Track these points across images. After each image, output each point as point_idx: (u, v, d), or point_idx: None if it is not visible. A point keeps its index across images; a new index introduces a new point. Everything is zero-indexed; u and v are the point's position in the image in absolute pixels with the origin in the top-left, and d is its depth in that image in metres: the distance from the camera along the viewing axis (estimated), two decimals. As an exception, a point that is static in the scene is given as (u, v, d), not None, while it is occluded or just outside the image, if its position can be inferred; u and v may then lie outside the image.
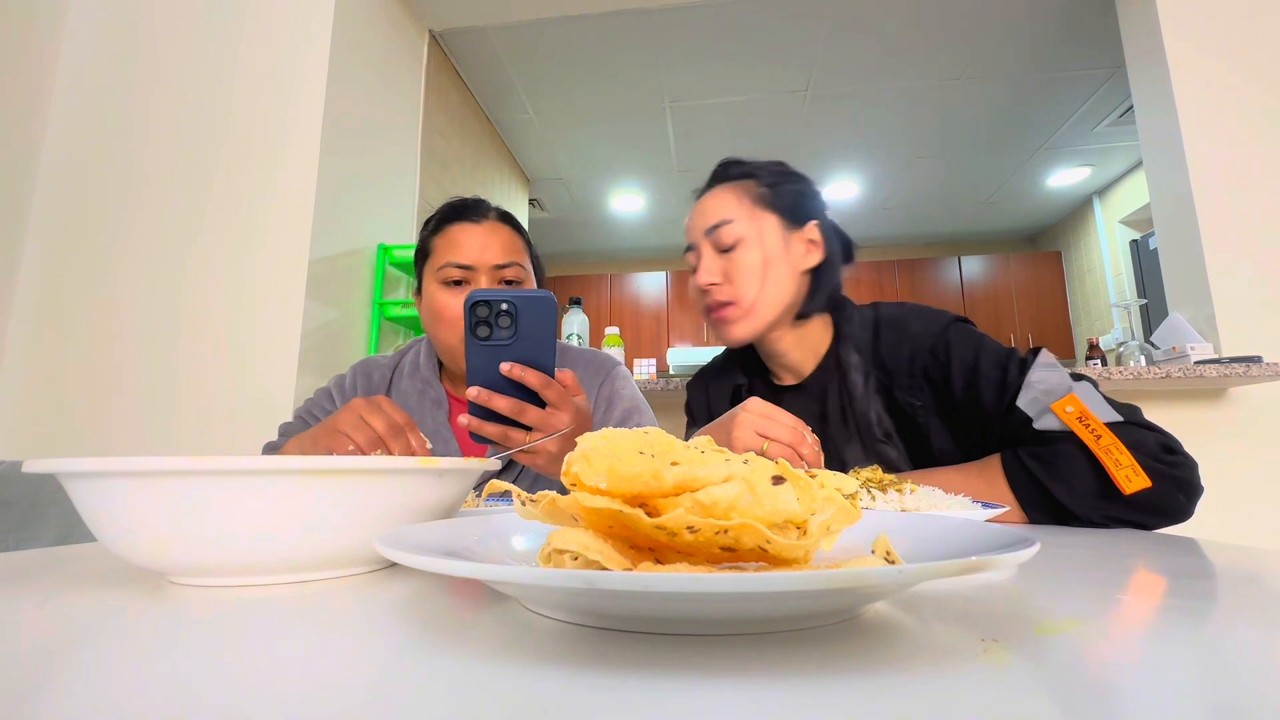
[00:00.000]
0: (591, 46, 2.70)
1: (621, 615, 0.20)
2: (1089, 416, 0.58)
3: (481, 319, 0.55)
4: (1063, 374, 0.63)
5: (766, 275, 0.75)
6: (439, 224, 0.85)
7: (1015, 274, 4.72)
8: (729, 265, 0.76)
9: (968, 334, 0.71)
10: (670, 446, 0.24)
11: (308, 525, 0.29)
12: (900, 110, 3.23)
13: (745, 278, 0.75)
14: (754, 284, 0.75)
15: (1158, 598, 0.28)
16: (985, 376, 0.66)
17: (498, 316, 0.55)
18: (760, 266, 0.75)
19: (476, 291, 0.55)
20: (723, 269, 0.77)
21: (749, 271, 0.75)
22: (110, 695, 0.16)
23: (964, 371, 0.68)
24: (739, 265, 0.76)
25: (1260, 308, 1.78)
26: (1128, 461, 0.54)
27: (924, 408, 0.70)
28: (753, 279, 0.75)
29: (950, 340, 0.70)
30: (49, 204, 1.89)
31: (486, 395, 0.56)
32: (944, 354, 0.70)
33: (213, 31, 1.94)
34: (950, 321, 0.72)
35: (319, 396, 0.88)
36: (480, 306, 0.55)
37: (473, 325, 0.55)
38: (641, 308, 5.10)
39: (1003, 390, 0.64)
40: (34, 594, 0.28)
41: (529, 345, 0.57)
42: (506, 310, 0.55)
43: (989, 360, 0.67)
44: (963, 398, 0.68)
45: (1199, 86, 1.90)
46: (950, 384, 0.69)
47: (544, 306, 0.56)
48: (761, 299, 0.75)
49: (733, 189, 0.79)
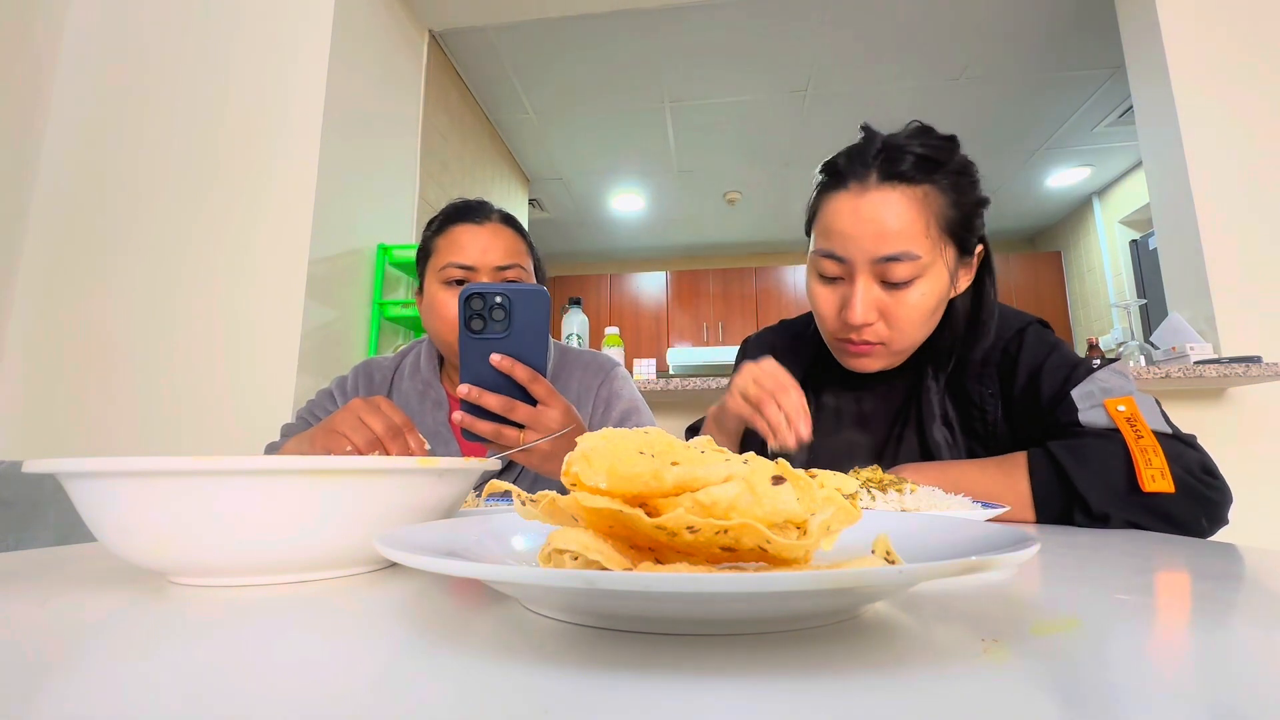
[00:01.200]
0: (591, 46, 2.70)
1: (621, 615, 0.20)
2: (1138, 419, 0.56)
3: (476, 311, 0.55)
4: (1129, 382, 0.62)
5: (933, 318, 0.66)
6: (442, 224, 0.86)
7: (1015, 274, 4.72)
8: (894, 305, 0.64)
9: (1044, 336, 0.69)
10: (670, 446, 0.24)
11: (308, 525, 0.29)
12: (900, 110, 3.23)
13: (909, 324, 0.64)
14: (916, 330, 0.65)
15: (1157, 598, 0.28)
16: (1049, 373, 0.65)
17: (491, 310, 0.56)
18: (930, 310, 0.64)
19: (472, 285, 0.55)
20: (883, 306, 0.64)
21: (916, 318, 0.64)
22: (110, 695, 0.16)
23: (1030, 367, 0.66)
24: (907, 308, 0.63)
25: (1260, 308, 1.78)
26: (1159, 464, 0.53)
27: (992, 395, 0.69)
28: (917, 325, 0.65)
29: (1025, 338, 0.68)
30: (49, 205, 1.89)
31: (478, 393, 0.56)
32: (1015, 350, 0.68)
33: (213, 32, 1.94)
34: (1030, 322, 0.71)
35: (321, 397, 0.88)
36: (475, 299, 0.55)
37: (467, 319, 0.55)
38: (641, 308, 5.10)
39: (1063, 385, 0.63)
40: (34, 594, 0.28)
41: (521, 340, 0.57)
42: (500, 304, 0.55)
43: (1058, 361, 0.65)
44: (1022, 394, 0.66)
45: (1199, 86, 1.90)
46: (1014, 379, 0.67)
47: (537, 300, 0.56)
48: (916, 342, 0.67)
49: (914, 199, 0.62)
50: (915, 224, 0.62)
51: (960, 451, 0.70)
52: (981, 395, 0.69)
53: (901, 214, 0.62)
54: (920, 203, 0.62)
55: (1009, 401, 0.68)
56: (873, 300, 0.64)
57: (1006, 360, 0.69)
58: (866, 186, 0.63)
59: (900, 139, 0.64)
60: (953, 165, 0.64)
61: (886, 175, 0.63)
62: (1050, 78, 2.94)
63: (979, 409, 0.69)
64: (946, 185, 0.63)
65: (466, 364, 0.56)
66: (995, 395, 0.69)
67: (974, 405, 0.70)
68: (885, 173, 0.63)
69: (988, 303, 0.69)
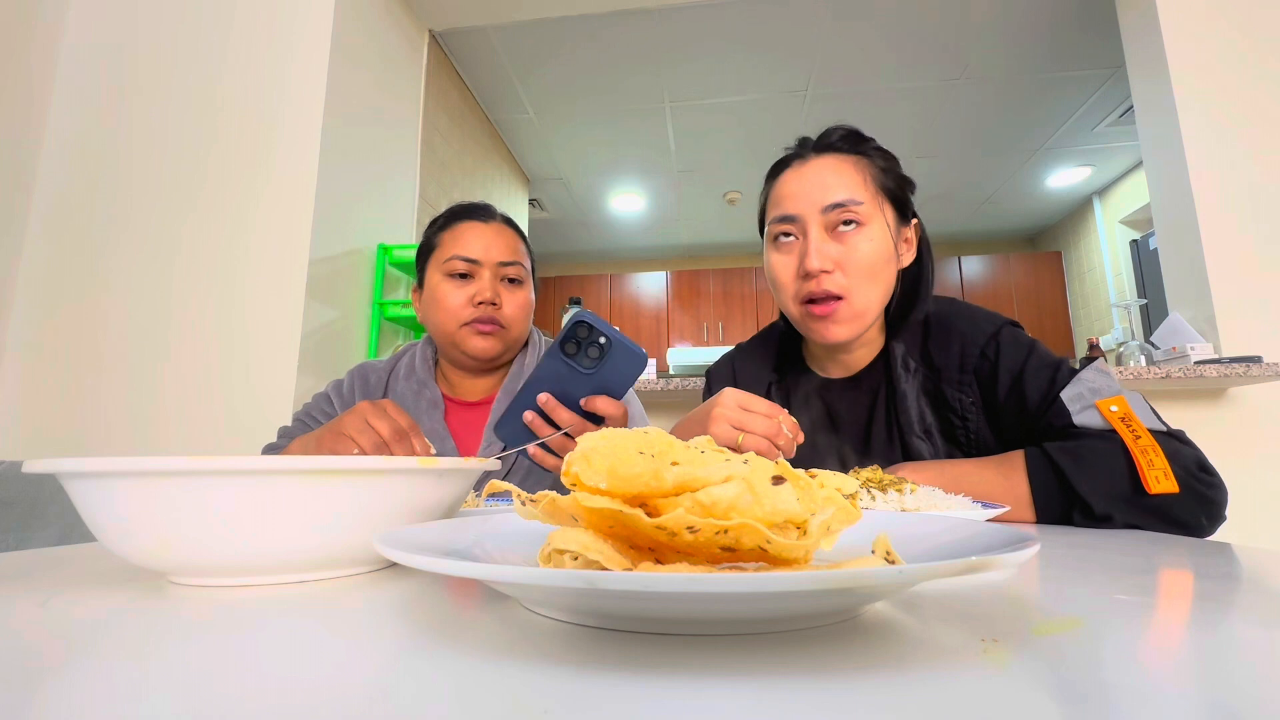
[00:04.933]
0: (591, 46, 2.70)
1: (621, 615, 0.20)
2: (1133, 418, 0.56)
3: (577, 338, 0.56)
4: (1113, 381, 0.62)
5: (883, 272, 0.69)
6: (448, 220, 0.88)
7: (1015, 274, 4.72)
8: (846, 253, 0.68)
9: (1020, 338, 0.69)
10: (670, 447, 0.24)
11: (308, 525, 0.29)
12: (900, 110, 3.23)
13: (863, 273, 0.68)
14: (870, 281, 0.68)
15: (1157, 598, 0.28)
16: (1032, 377, 0.65)
17: (589, 345, 0.56)
18: (880, 261, 0.68)
19: (584, 312, 0.56)
20: (837, 256, 0.68)
21: (868, 266, 0.68)
22: (110, 695, 0.16)
23: (1011, 371, 0.66)
24: (858, 255, 0.68)
25: (1260, 308, 1.78)
26: (1161, 464, 0.53)
27: (974, 404, 0.69)
28: (870, 275, 0.68)
29: (1001, 342, 0.68)
30: (49, 205, 1.89)
31: (554, 404, 0.57)
32: (993, 354, 0.68)
33: (213, 32, 1.94)
34: (1004, 324, 0.71)
35: (318, 400, 0.88)
36: (581, 327, 0.56)
37: (565, 339, 0.56)
38: (641, 308, 5.10)
39: (1049, 387, 0.63)
40: (34, 594, 0.28)
41: (604, 384, 0.57)
42: (603, 344, 0.56)
43: (1038, 363, 0.66)
44: (1006, 397, 0.66)
45: (1199, 86, 1.90)
46: (996, 383, 0.67)
47: (636, 362, 0.57)
48: (874, 299, 0.69)
49: (854, 164, 0.70)
50: (853, 177, 0.69)
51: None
52: (962, 403, 0.69)
53: (840, 169, 0.70)
54: (854, 163, 0.71)
55: (992, 408, 0.68)
56: (828, 249, 0.69)
57: (985, 365, 0.68)
58: (806, 159, 0.73)
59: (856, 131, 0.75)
60: (875, 145, 0.74)
61: (821, 149, 0.73)
62: (1050, 78, 2.94)
63: (960, 417, 0.69)
64: (875, 156, 0.72)
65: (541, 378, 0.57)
66: (976, 403, 0.69)
67: (954, 413, 0.69)
68: (819, 148, 0.73)
69: (925, 273, 0.74)
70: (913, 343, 0.74)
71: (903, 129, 3.43)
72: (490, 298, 0.83)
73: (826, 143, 0.73)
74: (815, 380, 0.80)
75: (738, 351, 0.91)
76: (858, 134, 0.74)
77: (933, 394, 0.71)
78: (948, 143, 3.60)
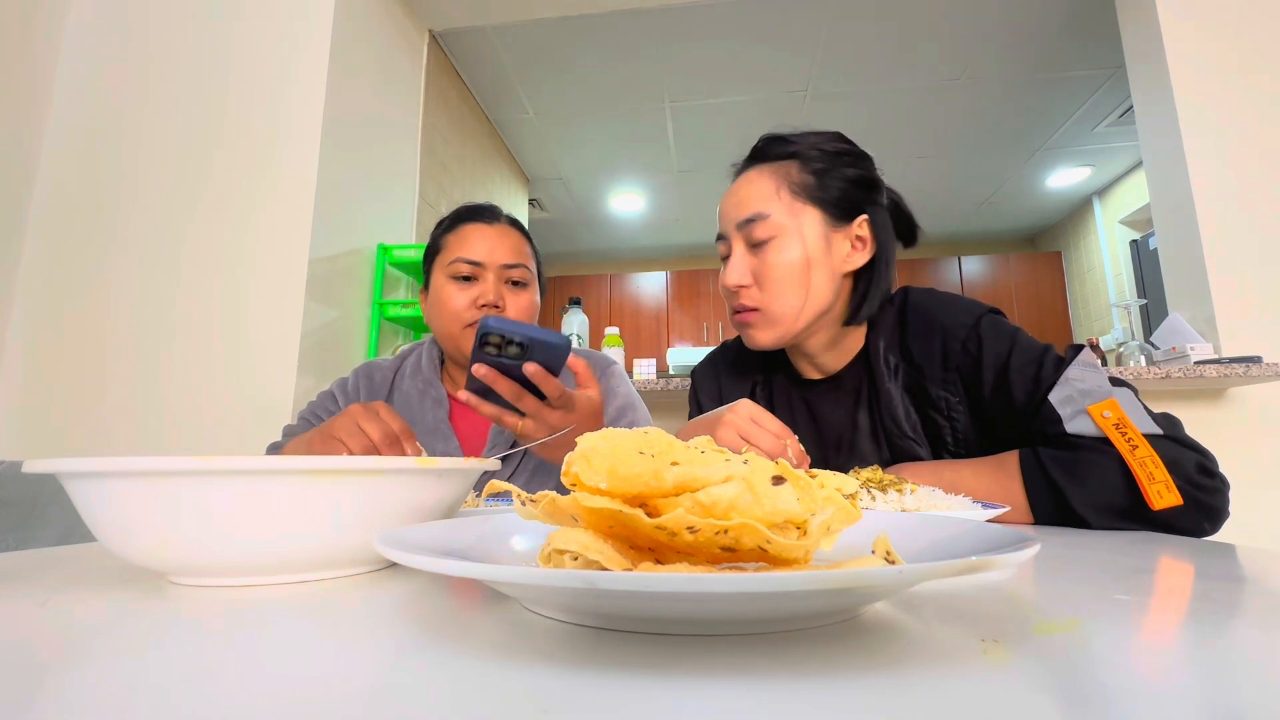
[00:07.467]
0: (591, 46, 2.70)
1: (621, 615, 0.20)
2: (1128, 425, 0.54)
3: (493, 344, 0.57)
4: (1102, 376, 0.60)
5: (801, 280, 0.68)
6: (453, 223, 0.88)
7: (1015, 274, 4.72)
8: (760, 266, 0.69)
9: (1001, 327, 0.67)
10: (670, 447, 0.24)
11: (308, 525, 0.29)
12: (900, 110, 3.23)
13: (777, 284, 0.69)
14: (785, 291, 0.68)
15: (1157, 598, 0.28)
16: (1017, 371, 0.62)
17: (507, 345, 0.57)
18: (796, 270, 0.68)
19: (489, 319, 0.56)
20: (754, 269, 0.70)
21: (781, 277, 0.68)
22: (110, 695, 0.16)
23: (995, 366, 0.64)
24: (771, 268, 0.69)
25: (1260, 308, 1.78)
26: (1162, 477, 0.51)
27: (959, 402, 0.67)
28: (785, 285, 0.68)
29: (982, 333, 0.66)
30: (49, 204, 1.89)
31: (494, 375, 0.58)
32: (975, 347, 0.66)
33: (212, 31, 1.94)
34: (983, 313, 0.68)
35: (322, 399, 0.88)
36: (492, 336, 0.57)
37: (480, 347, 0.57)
38: (641, 308, 5.10)
39: (1035, 385, 0.61)
40: (34, 594, 0.28)
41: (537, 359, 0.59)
42: (519, 343, 0.57)
43: (1023, 355, 0.63)
44: (992, 393, 0.64)
45: (1199, 86, 1.90)
46: (980, 379, 0.65)
47: (558, 351, 0.58)
48: (792, 306, 0.69)
49: (772, 173, 0.71)
50: (766, 189, 0.70)
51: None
52: (948, 403, 0.67)
53: (754, 183, 0.71)
54: (771, 172, 0.71)
55: (978, 404, 0.66)
56: (745, 264, 0.71)
57: (967, 361, 0.66)
58: (737, 175, 0.76)
59: (777, 136, 0.75)
60: (820, 144, 0.72)
61: (749, 163, 0.75)
62: (1050, 78, 2.94)
63: (946, 417, 0.67)
64: (809, 158, 0.71)
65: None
66: (963, 402, 0.67)
67: (940, 412, 0.67)
68: (750, 160, 0.76)
69: (878, 267, 0.72)
70: (891, 338, 0.72)
71: (903, 129, 3.43)
72: (493, 300, 0.83)
73: (755, 152, 0.75)
74: (798, 381, 0.80)
75: (722, 351, 0.91)
76: (779, 138, 0.74)
77: (916, 392, 0.69)
78: (948, 143, 3.59)
